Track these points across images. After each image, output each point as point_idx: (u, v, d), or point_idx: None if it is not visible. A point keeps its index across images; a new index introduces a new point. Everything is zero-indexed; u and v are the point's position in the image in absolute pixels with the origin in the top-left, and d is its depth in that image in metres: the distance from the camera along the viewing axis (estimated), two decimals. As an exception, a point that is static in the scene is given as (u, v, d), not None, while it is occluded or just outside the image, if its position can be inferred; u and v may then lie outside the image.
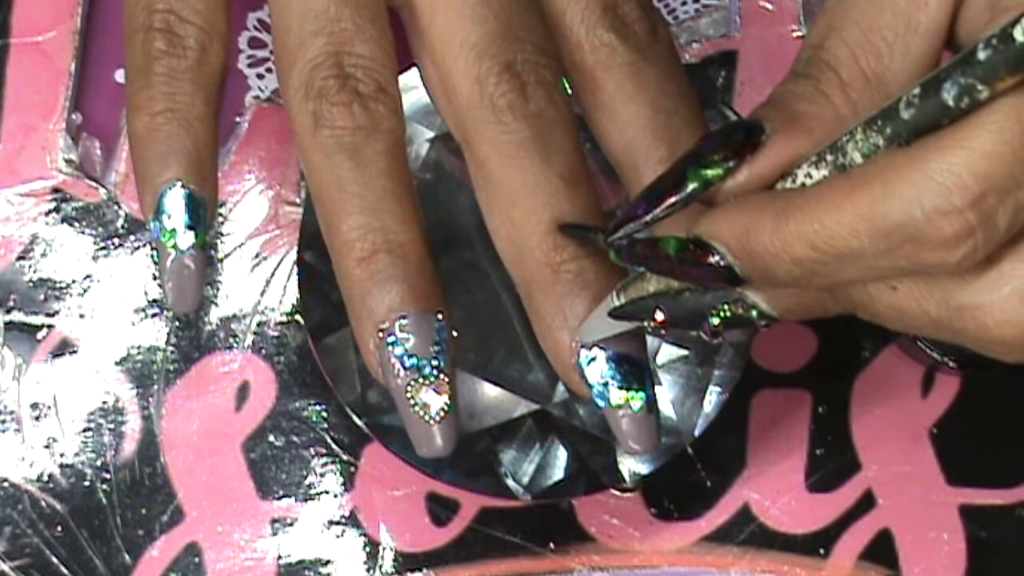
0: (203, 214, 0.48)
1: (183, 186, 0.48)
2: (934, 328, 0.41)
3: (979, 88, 0.36)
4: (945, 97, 0.37)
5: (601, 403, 0.47)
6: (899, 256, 0.38)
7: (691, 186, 0.41)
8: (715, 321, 0.43)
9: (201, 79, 0.48)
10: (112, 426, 0.57)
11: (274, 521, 0.57)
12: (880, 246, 0.38)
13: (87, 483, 0.57)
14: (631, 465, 0.54)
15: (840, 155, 0.40)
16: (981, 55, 0.36)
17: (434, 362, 0.47)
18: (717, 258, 0.41)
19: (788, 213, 0.39)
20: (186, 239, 0.48)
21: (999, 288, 0.39)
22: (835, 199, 0.38)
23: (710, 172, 0.41)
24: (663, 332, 0.45)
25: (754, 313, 0.43)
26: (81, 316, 0.57)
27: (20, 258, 0.58)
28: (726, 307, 0.43)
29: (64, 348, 0.57)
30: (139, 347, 0.57)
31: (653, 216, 0.42)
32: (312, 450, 0.57)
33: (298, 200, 0.58)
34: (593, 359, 0.47)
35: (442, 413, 0.47)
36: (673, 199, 0.42)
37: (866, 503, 0.57)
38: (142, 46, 0.48)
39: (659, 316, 0.44)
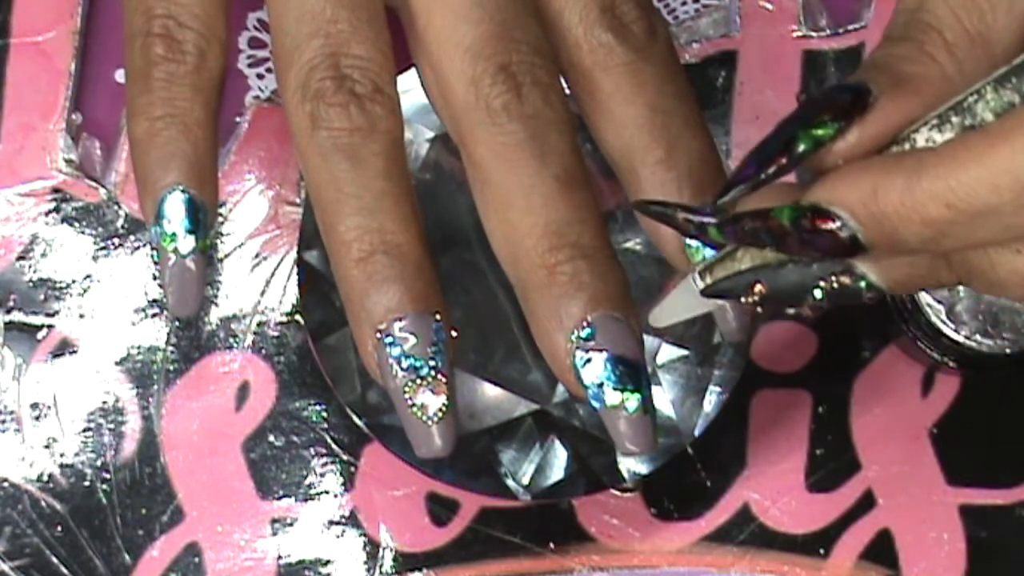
0: (203, 218, 0.48)
1: (183, 191, 0.48)
2: None
3: None
4: None
5: (597, 404, 0.47)
6: None
7: (802, 146, 0.40)
8: (819, 294, 0.42)
9: (200, 84, 0.48)
10: (112, 426, 0.57)
11: (274, 521, 0.57)
12: (1022, 200, 0.37)
13: (87, 483, 0.57)
14: (631, 465, 0.54)
15: (968, 116, 0.39)
16: None
17: (432, 363, 0.47)
18: (838, 224, 0.39)
19: (921, 171, 0.38)
20: (186, 243, 0.48)
21: None
22: (973, 154, 0.37)
23: (820, 131, 0.40)
24: (759, 308, 0.43)
25: (862, 284, 0.42)
26: (81, 316, 0.58)
27: (20, 258, 0.58)
28: (833, 279, 0.42)
29: (64, 348, 0.57)
30: (139, 347, 0.58)
31: (766, 175, 0.41)
32: (312, 450, 0.57)
33: (298, 200, 0.58)
34: (589, 360, 0.47)
35: (440, 413, 0.47)
36: (784, 159, 0.40)
37: (866, 503, 0.57)
38: (141, 51, 0.48)
39: (759, 289, 0.42)
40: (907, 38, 0.41)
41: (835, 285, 0.42)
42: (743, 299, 0.43)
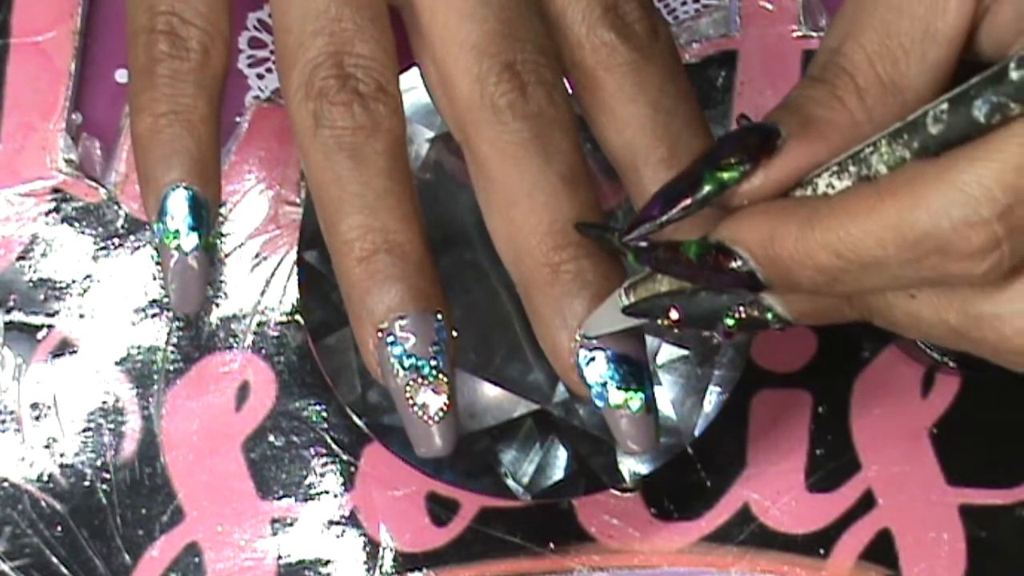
0: (206, 215, 0.48)
1: (186, 188, 0.48)
2: (951, 336, 0.41)
3: (1012, 106, 0.36)
4: (976, 114, 0.37)
5: (600, 403, 0.47)
6: (924, 266, 0.38)
7: (706, 188, 0.41)
8: (729, 322, 0.43)
9: (204, 80, 0.48)
10: (112, 426, 0.57)
11: (274, 521, 0.57)
12: (906, 256, 0.38)
13: (87, 483, 0.57)
14: (631, 465, 0.54)
15: (864, 166, 0.40)
16: (1014, 75, 0.36)
17: (433, 362, 0.47)
18: (739, 263, 0.41)
19: (814, 220, 0.39)
20: (189, 240, 0.48)
21: (1021, 299, 0.39)
22: (862, 208, 0.38)
23: (726, 175, 0.41)
24: (675, 330, 0.44)
25: (769, 316, 0.43)
26: (81, 316, 0.57)
27: (20, 258, 0.58)
28: (742, 309, 0.43)
29: (64, 348, 0.57)
30: (139, 347, 0.57)
31: (668, 217, 0.42)
32: (312, 450, 0.57)
33: (298, 200, 0.58)
34: (592, 359, 0.47)
35: (441, 413, 0.47)
36: (688, 201, 0.42)
37: (866, 503, 0.57)
38: (145, 48, 0.48)
39: (673, 315, 0.43)
40: (822, 80, 0.42)
41: (744, 315, 0.43)
42: (659, 321, 0.44)
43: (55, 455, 0.57)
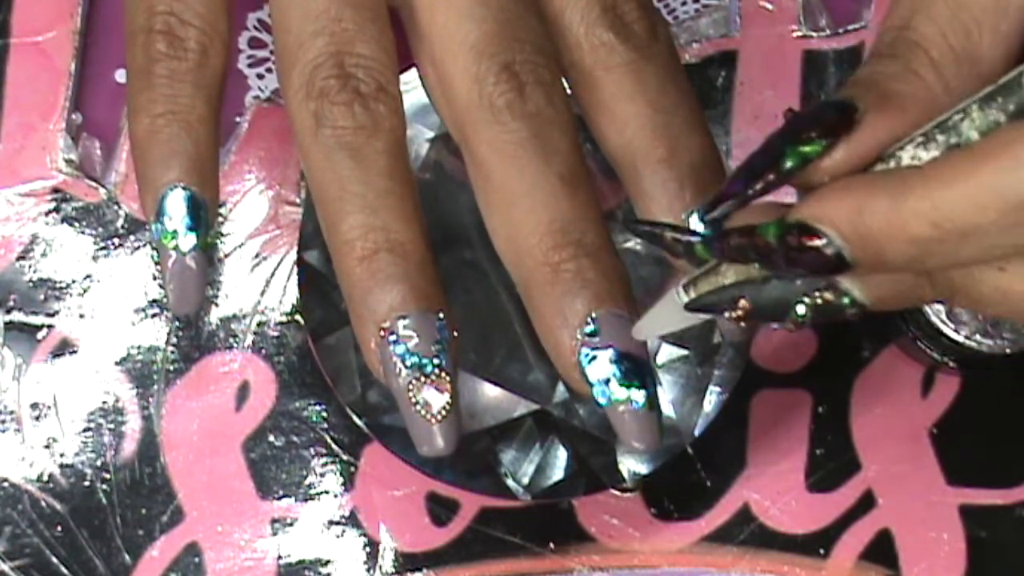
0: (204, 216, 0.48)
1: (184, 188, 0.48)
2: None
3: None
4: None
5: (603, 400, 0.47)
6: None
7: (789, 162, 0.40)
8: (802, 310, 0.42)
9: (202, 81, 0.48)
10: (112, 426, 0.57)
11: (274, 521, 0.57)
12: (1008, 220, 0.37)
13: (87, 483, 0.57)
14: (631, 465, 0.54)
15: (953, 134, 0.39)
16: None
17: (436, 360, 0.47)
18: (824, 242, 0.39)
19: (906, 190, 0.38)
20: (187, 241, 0.48)
21: None
22: (958, 173, 0.38)
23: (808, 148, 0.40)
24: (742, 324, 0.43)
25: (846, 301, 0.42)
26: (81, 316, 0.57)
27: (20, 258, 0.58)
28: (816, 295, 0.42)
29: (64, 348, 0.57)
30: (139, 347, 0.58)
31: (753, 191, 0.41)
32: (312, 450, 0.57)
33: (298, 200, 0.58)
34: (594, 357, 0.47)
35: (443, 412, 0.47)
36: (771, 175, 0.41)
37: (866, 503, 0.57)
38: (143, 48, 0.48)
39: (743, 305, 0.42)
40: (893, 56, 0.41)
41: (819, 301, 0.42)
42: (727, 314, 0.43)
43: (55, 455, 0.57)
